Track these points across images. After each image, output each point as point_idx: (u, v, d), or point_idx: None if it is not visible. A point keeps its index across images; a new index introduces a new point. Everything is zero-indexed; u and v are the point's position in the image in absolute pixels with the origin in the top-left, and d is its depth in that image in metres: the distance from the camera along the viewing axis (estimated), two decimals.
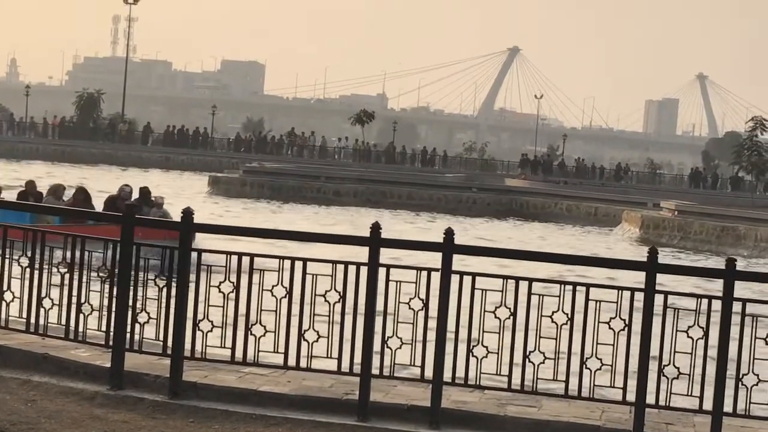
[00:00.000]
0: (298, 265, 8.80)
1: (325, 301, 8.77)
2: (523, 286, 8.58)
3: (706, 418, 8.23)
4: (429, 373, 8.50)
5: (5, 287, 9.56)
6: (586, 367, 8.43)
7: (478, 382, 8.69)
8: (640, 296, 8.29)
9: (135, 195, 23.92)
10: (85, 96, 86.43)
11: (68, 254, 9.32)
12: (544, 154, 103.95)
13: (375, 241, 8.62)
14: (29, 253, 9.38)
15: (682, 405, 8.54)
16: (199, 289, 9.01)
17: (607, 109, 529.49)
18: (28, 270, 9.44)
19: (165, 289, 8.93)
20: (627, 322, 8.32)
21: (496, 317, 8.59)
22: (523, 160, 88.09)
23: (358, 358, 8.59)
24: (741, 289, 8.37)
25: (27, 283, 9.44)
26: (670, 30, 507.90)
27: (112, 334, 8.99)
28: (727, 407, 8.20)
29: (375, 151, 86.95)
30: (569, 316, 8.46)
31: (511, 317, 8.54)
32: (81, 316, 9.25)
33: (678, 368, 8.31)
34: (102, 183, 51.63)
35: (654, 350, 8.24)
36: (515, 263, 9.77)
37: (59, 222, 19.77)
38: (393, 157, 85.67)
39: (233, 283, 8.85)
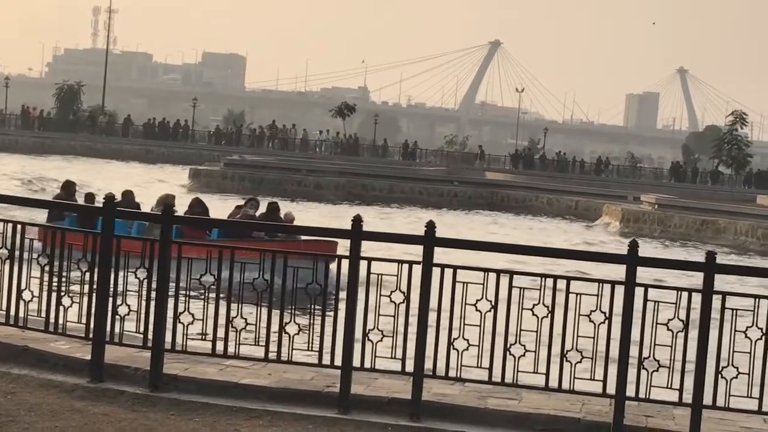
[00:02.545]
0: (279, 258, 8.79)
1: (307, 294, 8.77)
2: (504, 279, 8.60)
3: (685, 410, 8.27)
4: (410, 365, 8.51)
5: None
6: (567, 360, 8.46)
7: (458, 375, 8.70)
8: (620, 289, 8.31)
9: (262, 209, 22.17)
10: (65, 88, 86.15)
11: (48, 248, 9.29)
12: (525, 147, 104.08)
13: (356, 233, 8.63)
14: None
15: (662, 397, 8.58)
16: (179, 283, 8.99)
17: (588, 102, 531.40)
18: (7, 263, 9.40)
19: (145, 282, 8.91)
20: (607, 315, 8.34)
21: (477, 310, 8.60)
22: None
23: (339, 351, 8.59)
24: (721, 282, 8.41)
25: (6, 276, 9.41)
26: (650, 24, 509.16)
27: (92, 326, 8.97)
28: (707, 400, 8.24)
29: (347, 143, 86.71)
30: (550, 309, 8.47)
31: (492, 310, 8.56)
32: (61, 308, 9.21)
33: (658, 361, 8.33)
34: (88, 176, 51.53)
35: (634, 343, 8.27)
36: (497, 256, 9.79)
37: (218, 236, 19.41)
38: (357, 150, 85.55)
39: (214, 275, 8.85)
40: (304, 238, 18.38)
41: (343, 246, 8.87)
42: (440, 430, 8.15)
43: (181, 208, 22.14)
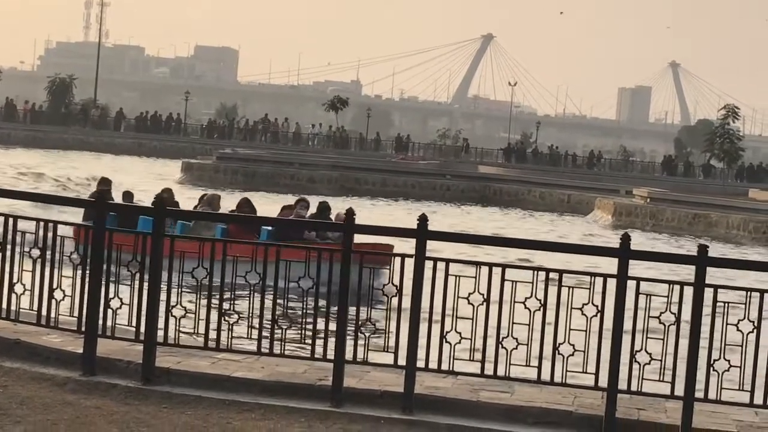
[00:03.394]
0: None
1: (299, 287, 8.77)
2: (497, 272, 8.60)
3: (677, 403, 8.28)
4: (402, 359, 8.51)
5: None
6: (559, 353, 8.47)
7: (451, 368, 8.71)
8: (613, 282, 8.31)
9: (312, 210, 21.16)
10: (57, 81, 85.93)
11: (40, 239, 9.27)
12: (518, 141, 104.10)
13: (348, 226, 8.63)
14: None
15: (654, 390, 8.60)
16: (171, 276, 8.98)
17: (581, 96, 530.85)
18: None
19: (138, 275, 8.90)
20: (600, 309, 8.35)
21: (469, 303, 8.61)
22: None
23: (331, 344, 8.59)
24: (713, 275, 8.42)
25: None
26: (643, 18, 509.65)
27: (84, 319, 8.96)
28: (699, 393, 8.25)
29: (340, 136, 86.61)
30: (542, 302, 8.48)
31: (485, 303, 8.56)
32: (53, 301, 9.20)
33: (650, 354, 8.35)
34: (82, 171, 51.46)
35: (627, 336, 8.28)
36: (489, 250, 9.80)
37: (268, 237, 18.12)
38: (347, 143, 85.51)
39: (206, 269, 8.84)
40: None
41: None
42: (433, 423, 8.16)
43: (225, 209, 21.87)
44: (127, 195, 22.03)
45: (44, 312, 9.22)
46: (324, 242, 18.16)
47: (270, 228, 18.69)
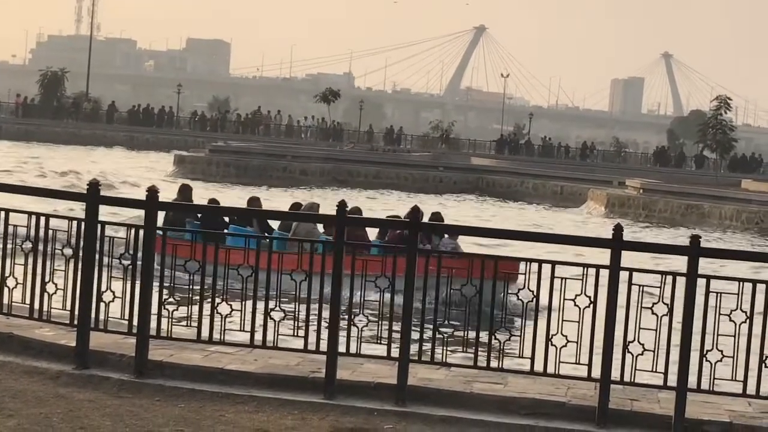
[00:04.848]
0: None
1: (291, 279, 8.76)
2: (490, 263, 8.60)
3: (670, 394, 8.29)
4: (395, 351, 8.51)
5: None
6: (552, 344, 8.47)
7: (444, 360, 8.71)
8: (605, 273, 8.32)
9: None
10: (48, 75, 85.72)
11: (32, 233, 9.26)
12: (511, 132, 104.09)
13: (341, 219, 8.63)
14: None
15: (646, 381, 8.61)
16: (164, 268, 8.97)
17: (573, 87, 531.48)
18: None
19: (130, 269, 8.89)
20: (592, 299, 8.35)
21: (462, 295, 8.62)
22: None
23: (324, 337, 8.59)
24: (705, 265, 8.43)
25: None
26: (635, 8, 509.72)
27: (77, 313, 8.94)
28: (692, 383, 8.27)
29: (334, 129, 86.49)
30: (535, 293, 8.48)
31: (477, 295, 8.57)
32: (45, 295, 9.19)
33: (643, 345, 8.36)
34: (75, 164, 51.39)
35: (620, 326, 8.28)
36: (480, 240, 9.79)
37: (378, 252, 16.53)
38: (340, 137, 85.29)
39: (199, 261, 8.84)
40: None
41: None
42: (426, 415, 8.16)
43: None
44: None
45: (37, 305, 9.21)
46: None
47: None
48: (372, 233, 18.52)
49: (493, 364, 8.64)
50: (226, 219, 19.62)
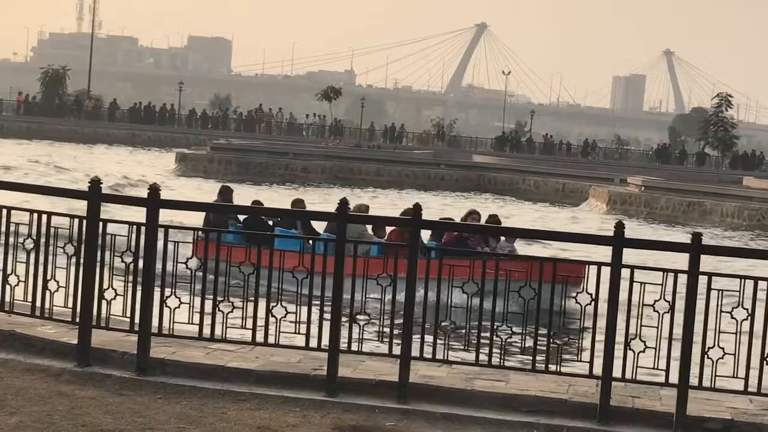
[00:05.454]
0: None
1: (293, 277, 8.77)
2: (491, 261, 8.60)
3: (672, 391, 8.29)
4: (397, 348, 8.52)
5: None
6: (554, 342, 8.47)
7: (446, 357, 8.72)
8: (607, 270, 8.31)
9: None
10: (50, 72, 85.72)
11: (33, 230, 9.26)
12: (512, 130, 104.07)
13: (342, 216, 8.63)
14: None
15: (648, 378, 8.61)
16: (166, 266, 8.98)
17: (575, 85, 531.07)
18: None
19: (132, 266, 8.89)
20: (594, 297, 8.35)
21: (463, 292, 8.62)
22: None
23: (326, 334, 8.59)
24: (707, 263, 8.43)
25: None
26: (637, 6, 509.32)
27: (78, 310, 8.95)
28: (693, 380, 8.26)
29: (336, 126, 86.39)
30: (536, 290, 8.48)
31: (479, 292, 8.57)
32: (47, 292, 9.20)
33: (645, 342, 8.36)
34: (77, 161, 51.37)
35: (621, 324, 8.28)
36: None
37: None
38: (341, 134, 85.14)
39: (200, 259, 8.84)
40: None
41: None
42: (428, 412, 8.17)
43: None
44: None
45: (39, 303, 9.22)
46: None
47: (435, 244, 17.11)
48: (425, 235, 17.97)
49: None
50: (270, 222, 18.91)
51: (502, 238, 17.55)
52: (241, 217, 18.83)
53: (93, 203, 8.96)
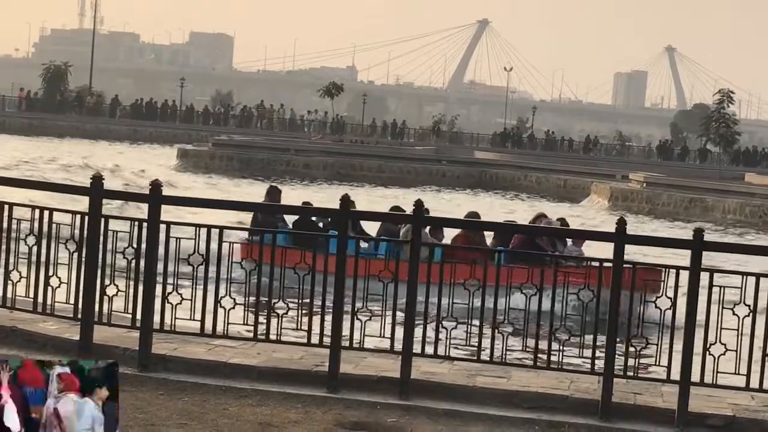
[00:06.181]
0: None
1: (295, 273, 8.77)
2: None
3: (673, 387, 8.29)
4: (399, 344, 8.52)
5: None
6: (555, 338, 8.47)
7: (447, 354, 8.72)
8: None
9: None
10: (51, 68, 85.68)
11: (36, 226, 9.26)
12: (514, 126, 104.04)
13: (344, 213, 8.62)
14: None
15: (650, 375, 8.60)
16: (167, 263, 8.97)
17: (577, 81, 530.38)
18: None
19: (134, 262, 8.89)
20: (595, 293, 8.35)
21: (465, 289, 8.62)
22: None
23: (328, 331, 8.60)
24: (708, 259, 8.42)
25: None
26: (639, 2, 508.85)
27: (80, 306, 8.95)
28: (695, 377, 8.26)
29: (338, 123, 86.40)
30: (538, 287, 8.49)
31: (480, 288, 8.57)
32: (49, 289, 9.20)
33: (646, 338, 8.36)
34: (75, 158, 51.32)
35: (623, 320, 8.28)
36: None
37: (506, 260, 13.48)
38: (342, 130, 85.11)
39: (202, 255, 8.84)
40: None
41: None
42: (429, 409, 8.17)
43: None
44: (306, 203, 19.48)
45: (41, 299, 9.22)
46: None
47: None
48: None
49: (497, 357, 8.58)
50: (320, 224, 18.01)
51: (569, 242, 17.37)
52: (290, 218, 18.19)
53: (95, 200, 8.96)
